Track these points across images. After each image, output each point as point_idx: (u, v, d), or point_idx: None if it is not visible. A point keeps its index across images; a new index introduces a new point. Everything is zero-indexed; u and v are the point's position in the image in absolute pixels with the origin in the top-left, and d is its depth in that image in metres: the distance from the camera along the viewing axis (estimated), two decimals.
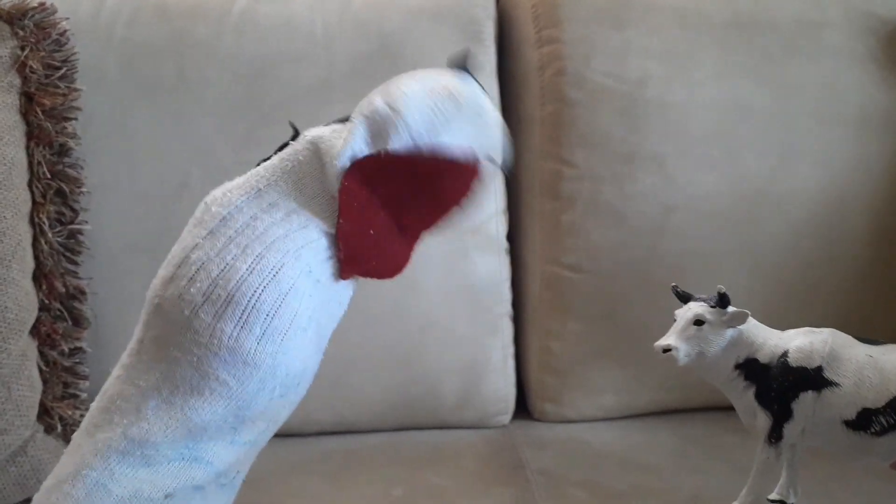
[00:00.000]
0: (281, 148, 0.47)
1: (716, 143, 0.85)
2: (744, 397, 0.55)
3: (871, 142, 0.88)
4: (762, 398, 0.53)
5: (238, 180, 0.46)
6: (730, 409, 0.61)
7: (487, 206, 0.87)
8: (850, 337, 0.53)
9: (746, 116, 0.86)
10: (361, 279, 0.47)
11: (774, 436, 0.53)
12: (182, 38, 0.84)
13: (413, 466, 0.77)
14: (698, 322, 0.53)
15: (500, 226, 0.89)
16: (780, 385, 0.51)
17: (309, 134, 0.46)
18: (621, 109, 0.84)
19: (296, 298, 0.43)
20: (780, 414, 0.52)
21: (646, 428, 0.87)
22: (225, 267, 0.41)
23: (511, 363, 0.90)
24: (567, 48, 0.85)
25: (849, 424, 0.50)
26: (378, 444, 0.84)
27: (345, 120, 0.46)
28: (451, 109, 0.44)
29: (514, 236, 0.92)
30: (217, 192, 0.45)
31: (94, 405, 0.44)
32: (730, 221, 0.86)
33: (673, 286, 0.58)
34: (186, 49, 0.83)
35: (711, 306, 0.54)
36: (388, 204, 0.44)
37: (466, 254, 0.85)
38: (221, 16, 0.85)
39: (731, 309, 0.54)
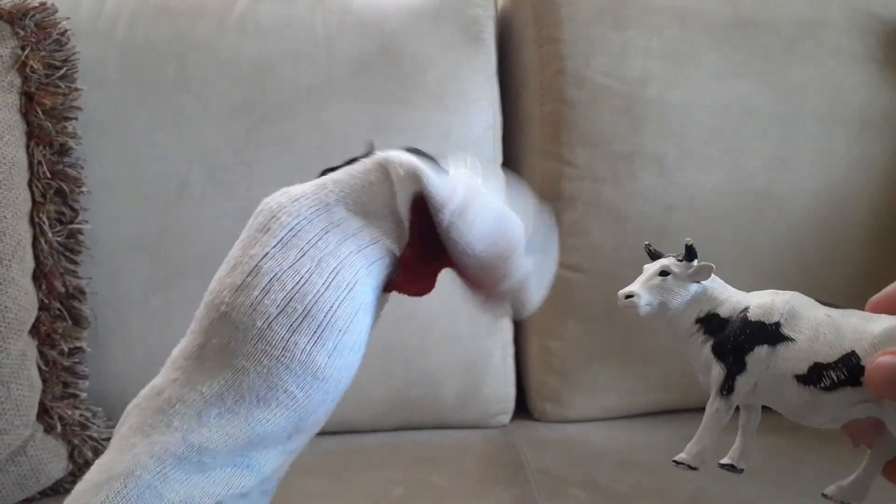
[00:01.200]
0: (349, 162, 0.47)
1: (716, 143, 0.85)
2: (701, 352, 0.55)
3: (872, 142, 0.88)
4: (718, 350, 0.53)
5: (303, 188, 0.45)
6: None
7: None
8: (812, 299, 0.54)
9: (747, 116, 0.86)
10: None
11: (726, 388, 0.53)
12: (183, 38, 0.84)
13: (413, 466, 0.77)
14: (664, 273, 0.54)
15: None
16: (737, 338, 0.52)
17: (381, 156, 0.45)
18: (621, 109, 0.84)
19: (365, 314, 0.43)
20: (734, 366, 0.52)
21: (646, 428, 0.87)
22: (300, 280, 0.41)
23: (511, 363, 0.90)
24: (567, 48, 0.85)
25: (800, 379, 0.50)
26: (378, 444, 0.84)
27: (414, 150, 0.46)
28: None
29: None
30: (282, 199, 0.44)
31: (144, 403, 0.43)
32: (730, 221, 0.86)
33: (646, 245, 0.59)
34: (187, 49, 0.83)
35: (679, 260, 0.55)
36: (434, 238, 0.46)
37: None
38: (222, 16, 0.85)
39: (696, 263, 0.55)
